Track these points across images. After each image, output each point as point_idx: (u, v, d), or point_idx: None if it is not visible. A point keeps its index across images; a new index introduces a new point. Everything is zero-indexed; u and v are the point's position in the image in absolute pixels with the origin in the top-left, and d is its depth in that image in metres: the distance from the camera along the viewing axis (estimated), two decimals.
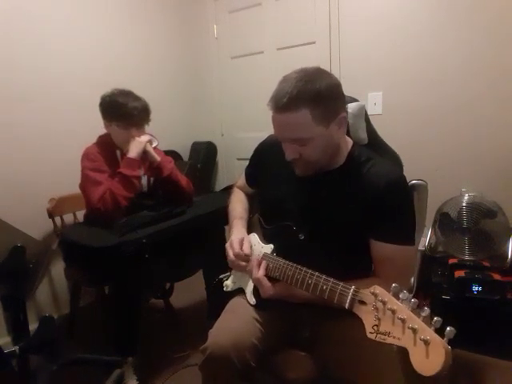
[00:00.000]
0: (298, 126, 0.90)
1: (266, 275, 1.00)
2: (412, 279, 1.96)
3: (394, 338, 0.65)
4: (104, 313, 1.89)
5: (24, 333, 1.42)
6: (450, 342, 0.59)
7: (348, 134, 1.18)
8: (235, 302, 1.12)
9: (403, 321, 0.64)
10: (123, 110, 1.61)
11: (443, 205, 1.92)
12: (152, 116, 1.73)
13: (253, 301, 1.07)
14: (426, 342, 0.59)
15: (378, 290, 0.71)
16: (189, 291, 2.16)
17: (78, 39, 2.15)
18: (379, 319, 0.69)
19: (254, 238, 1.15)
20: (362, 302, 0.74)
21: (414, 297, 0.66)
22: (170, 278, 1.88)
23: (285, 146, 0.98)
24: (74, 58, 2.13)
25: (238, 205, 1.30)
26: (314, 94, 0.88)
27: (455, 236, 1.84)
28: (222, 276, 1.24)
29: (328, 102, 0.90)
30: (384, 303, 0.68)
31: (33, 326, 1.46)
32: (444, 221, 1.88)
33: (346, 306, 0.77)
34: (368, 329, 0.70)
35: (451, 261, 1.85)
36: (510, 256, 1.80)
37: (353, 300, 0.76)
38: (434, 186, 1.99)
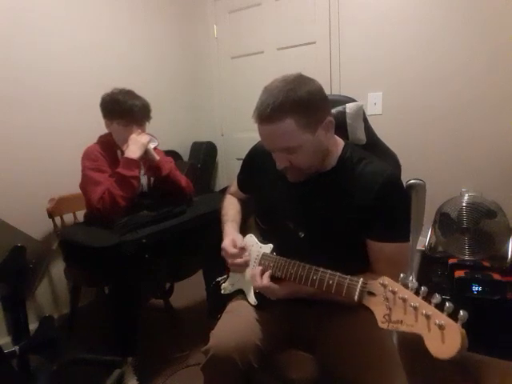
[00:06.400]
0: (285, 135, 0.90)
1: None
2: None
3: (407, 325, 0.66)
4: (104, 313, 1.89)
5: (24, 333, 1.41)
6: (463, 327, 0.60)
7: (346, 133, 1.18)
8: (236, 303, 1.12)
9: (415, 308, 0.65)
10: (123, 107, 1.61)
11: (443, 205, 1.92)
12: (152, 116, 1.73)
13: (254, 301, 1.06)
14: (441, 327, 0.60)
15: (387, 280, 0.73)
16: (189, 291, 2.15)
17: (77, 39, 2.15)
18: (390, 309, 0.70)
19: (252, 238, 1.14)
20: (371, 294, 0.75)
21: None
22: (169, 278, 1.88)
23: (275, 156, 0.99)
24: (74, 57, 2.13)
25: (230, 208, 1.30)
26: (296, 103, 0.88)
27: (455, 236, 1.85)
28: (219, 279, 1.22)
29: (311, 109, 0.90)
30: (394, 293, 0.70)
31: (33, 326, 1.45)
32: (444, 221, 1.88)
33: (356, 298, 0.77)
34: (379, 319, 0.71)
35: (451, 261, 1.85)
36: (510, 256, 1.80)
37: (362, 292, 0.77)
38: (433, 185, 2.00)
